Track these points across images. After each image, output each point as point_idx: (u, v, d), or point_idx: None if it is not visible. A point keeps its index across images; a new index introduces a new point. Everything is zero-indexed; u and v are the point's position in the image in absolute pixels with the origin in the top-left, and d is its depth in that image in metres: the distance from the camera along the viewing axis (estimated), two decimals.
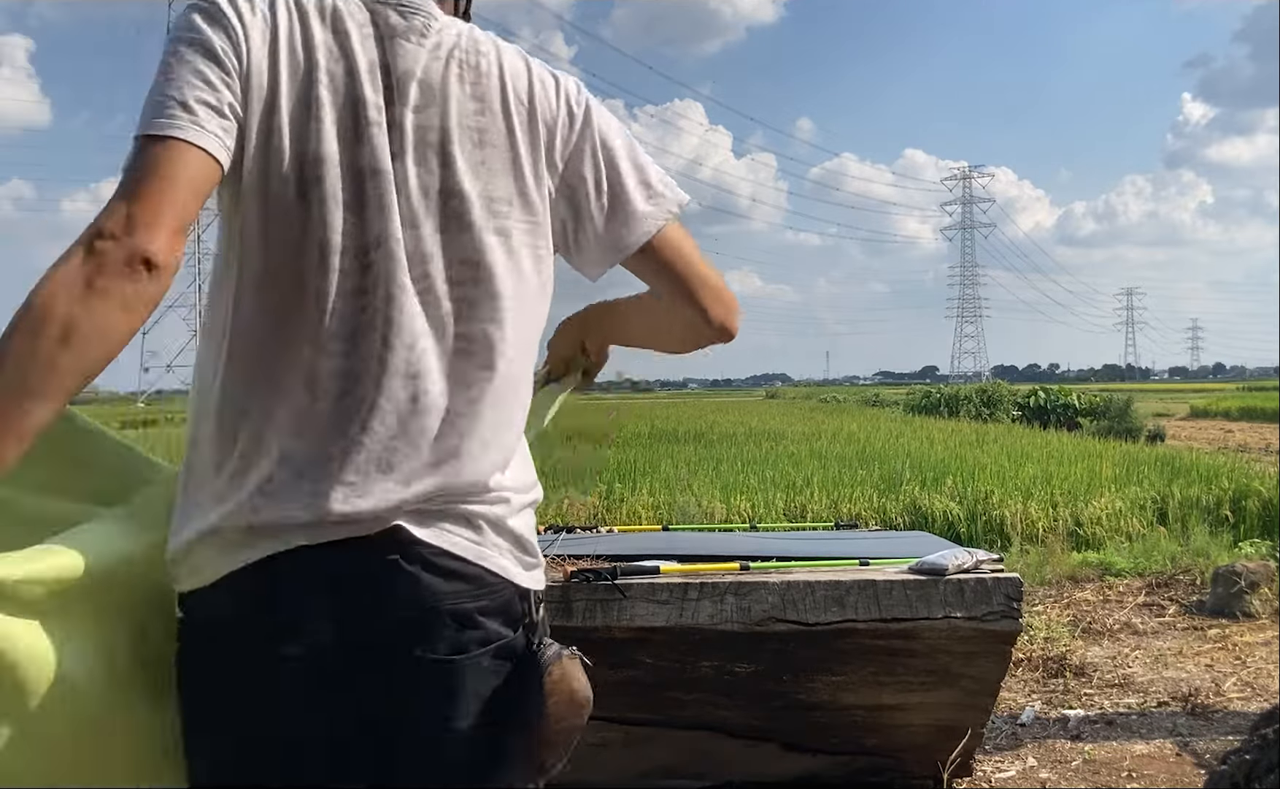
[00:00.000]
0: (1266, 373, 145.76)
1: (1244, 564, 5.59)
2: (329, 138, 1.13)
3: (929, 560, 2.83)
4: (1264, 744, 2.17)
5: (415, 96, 1.17)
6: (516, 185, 1.21)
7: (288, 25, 1.15)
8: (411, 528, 1.13)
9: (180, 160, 1.06)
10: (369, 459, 1.11)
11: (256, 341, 1.13)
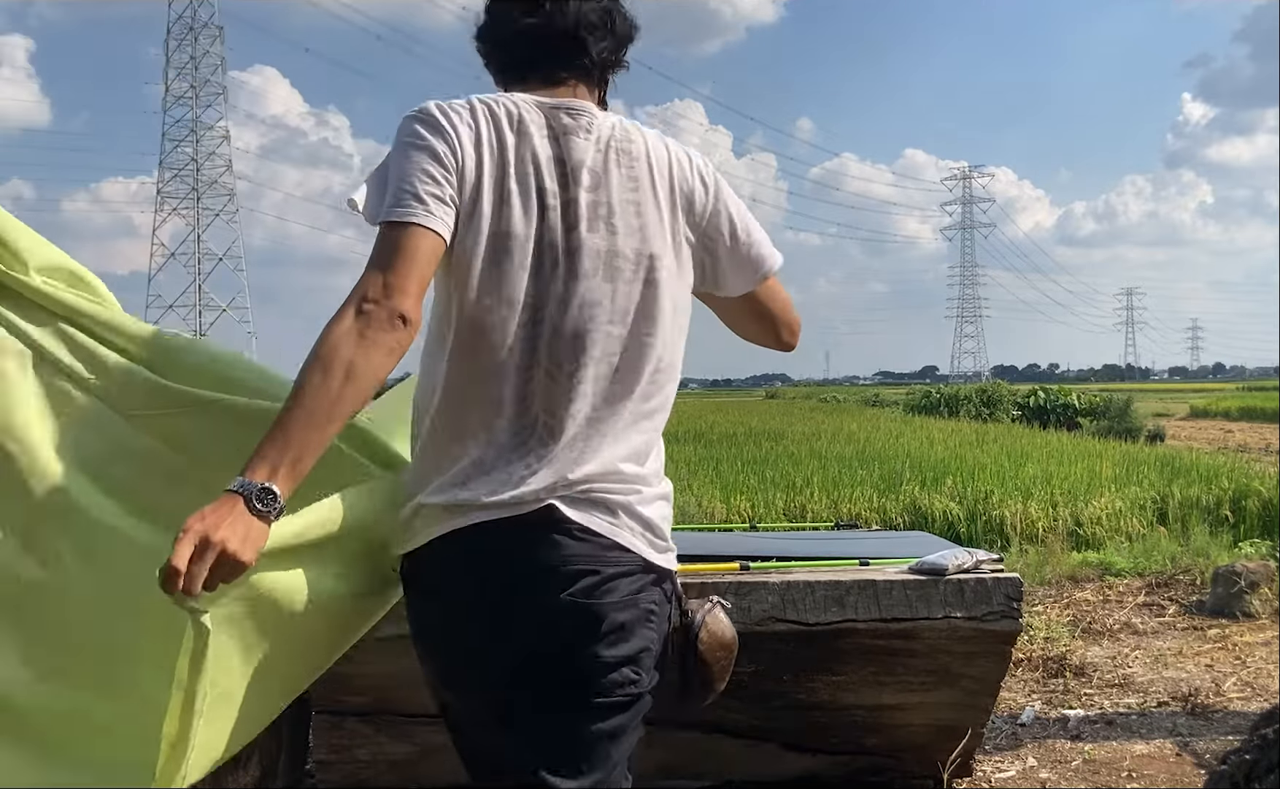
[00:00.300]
0: (1266, 373, 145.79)
1: (1244, 564, 5.59)
2: (517, 219, 1.49)
3: (929, 560, 2.83)
4: (1264, 744, 2.17)
5: (586, 180, 1.53)
6: (663, 245, 1.57)
7: (486, 131, 1.51)
8: (564, 509, 1.49)
9: (418, 240, 1.43)
10: (534, 459, 1.49)
11: (462, 371, 1.50)
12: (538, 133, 1.53)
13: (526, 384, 1.50)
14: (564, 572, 1.48)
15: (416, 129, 1.50)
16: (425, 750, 2.93)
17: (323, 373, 1.35)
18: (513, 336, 1.49)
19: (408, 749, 2.93)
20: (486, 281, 1.49)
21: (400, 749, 2.93)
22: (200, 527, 1.26)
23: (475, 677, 1.58)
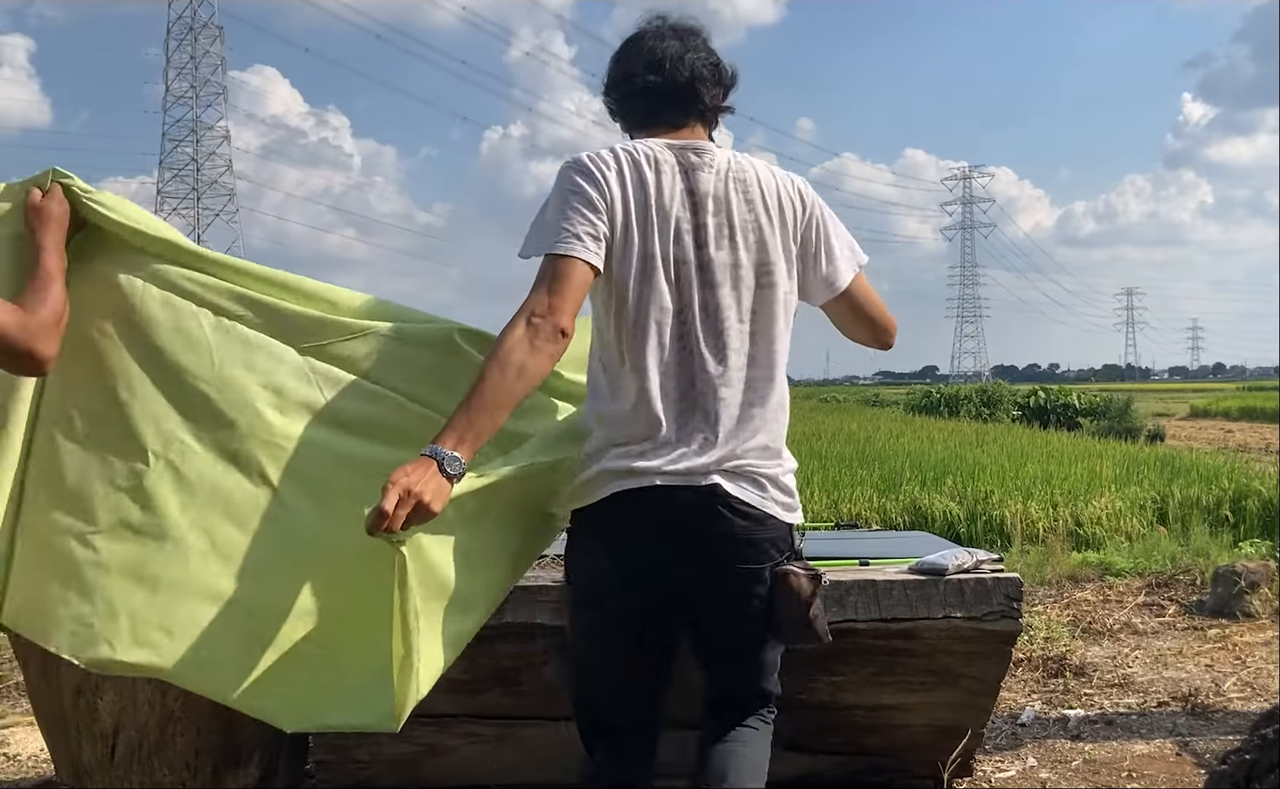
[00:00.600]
0: (1266, 373, 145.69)
1: (1244, 564, 5.59)
2: (656, 242, 1.86)
3: (929, 560, 2.83)
4: (1264, 744, 2.17)
5: (711, 208, 1.89)
6: (775, 257, 1.93)
7: (630, 174, 1.87)
8: (722, 482, 1.86)
9: (575, 269, 1.79)
10: (695, 438, 1.86)
11: (629, 367, 1.87)
12: (670, 171, 1.89)
13: (686, 375, 1.88)
14: (723, 532, 1.88)
15: (573, 177, 1.86)
16: (425, 750, 2.93)
17: (500, 371, 1.72)
18: (669, 337, 1.87)
19: (408, 749, 2.93)
20: (641, 295, 1.86)
21: (400, 749, 2.93)
22: (405, 482, 1.62)
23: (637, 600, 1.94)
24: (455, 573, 1.84)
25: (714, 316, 1.88)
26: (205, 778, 2.86)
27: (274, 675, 1.90)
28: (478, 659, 2.81)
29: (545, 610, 2.75)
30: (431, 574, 1.79)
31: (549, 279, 1.78)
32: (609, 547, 1.92)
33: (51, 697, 2.92)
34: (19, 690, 4.35)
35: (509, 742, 2.92)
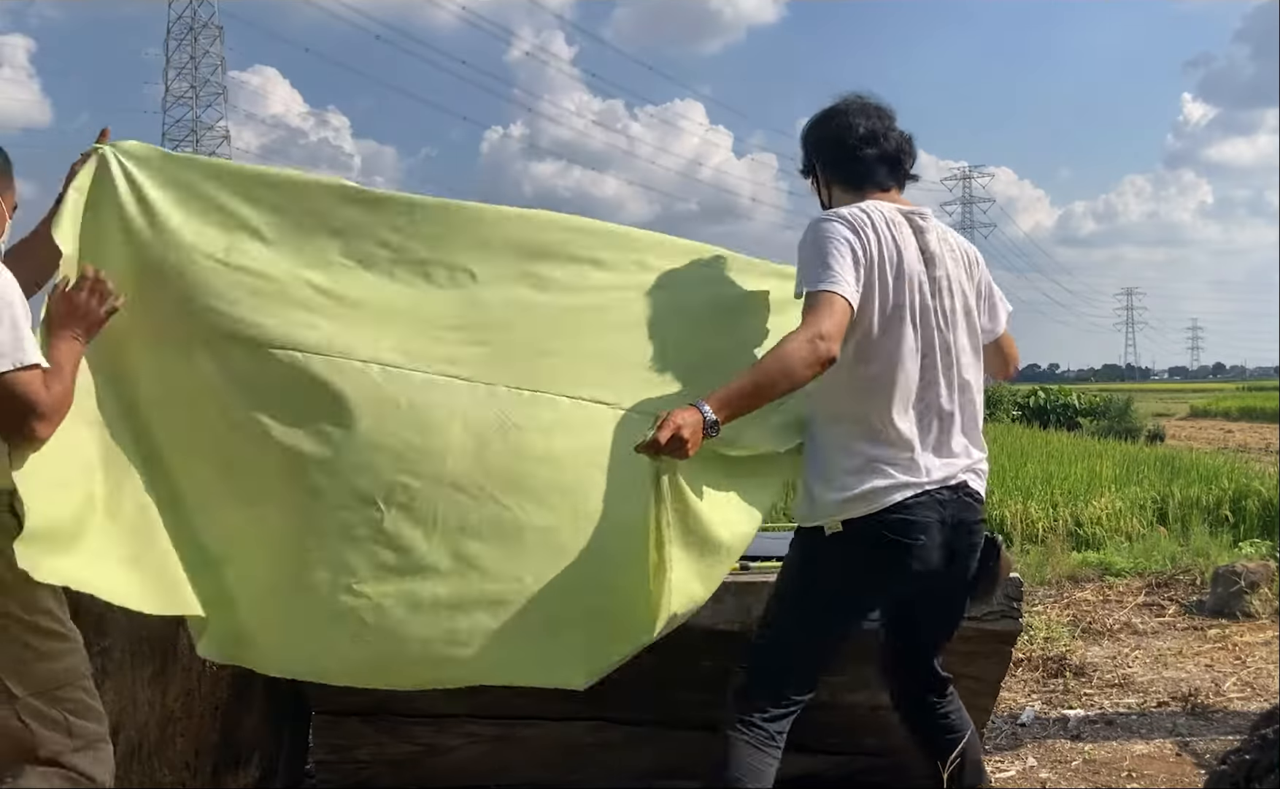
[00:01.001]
0: (1266, 373, 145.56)
1: (1244, 564, 5.59)
2: (901, 292, 2.22)
3: None
4: (1264, 744, 2.17)
5: (937, 264, 2.28)
6: (973, 305, 2.36)
7: (883, 231, 2.22)
8: (968, 480, 2.30)
9: (841, 306, 2.13)
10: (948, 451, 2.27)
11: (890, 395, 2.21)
12: (907, 231, 2.26)
13: (933, 400, 2.26)
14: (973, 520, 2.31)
15: (840, 230, 2.20)
16: (425, 750, 2.93)
17: (778, 370, 2.09)
18: (915, 371, 2.24)
19: (408, 749, 2.93)
20: (891, 336, 2.21)
21: (400, 749, 2.93)
22: (677, 421, 2.04)
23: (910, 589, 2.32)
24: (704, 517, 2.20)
25: (946, 354, 2.27)
26: (205, 778, 2.86)
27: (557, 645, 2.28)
28: None
29: None
30: (686, 509, 2.16)
31: (829, 312, 2.12)
32: (891, 547, 2.22)
33: None
34: None
35: (509, 742, 2.91)
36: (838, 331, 2.10)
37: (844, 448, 2.23)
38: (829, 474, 2.24)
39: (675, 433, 2.02)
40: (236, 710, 2.87)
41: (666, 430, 2.02)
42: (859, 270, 2.16)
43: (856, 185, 2.33)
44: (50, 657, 2.03)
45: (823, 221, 2.22)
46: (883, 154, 2.32)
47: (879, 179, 2.32)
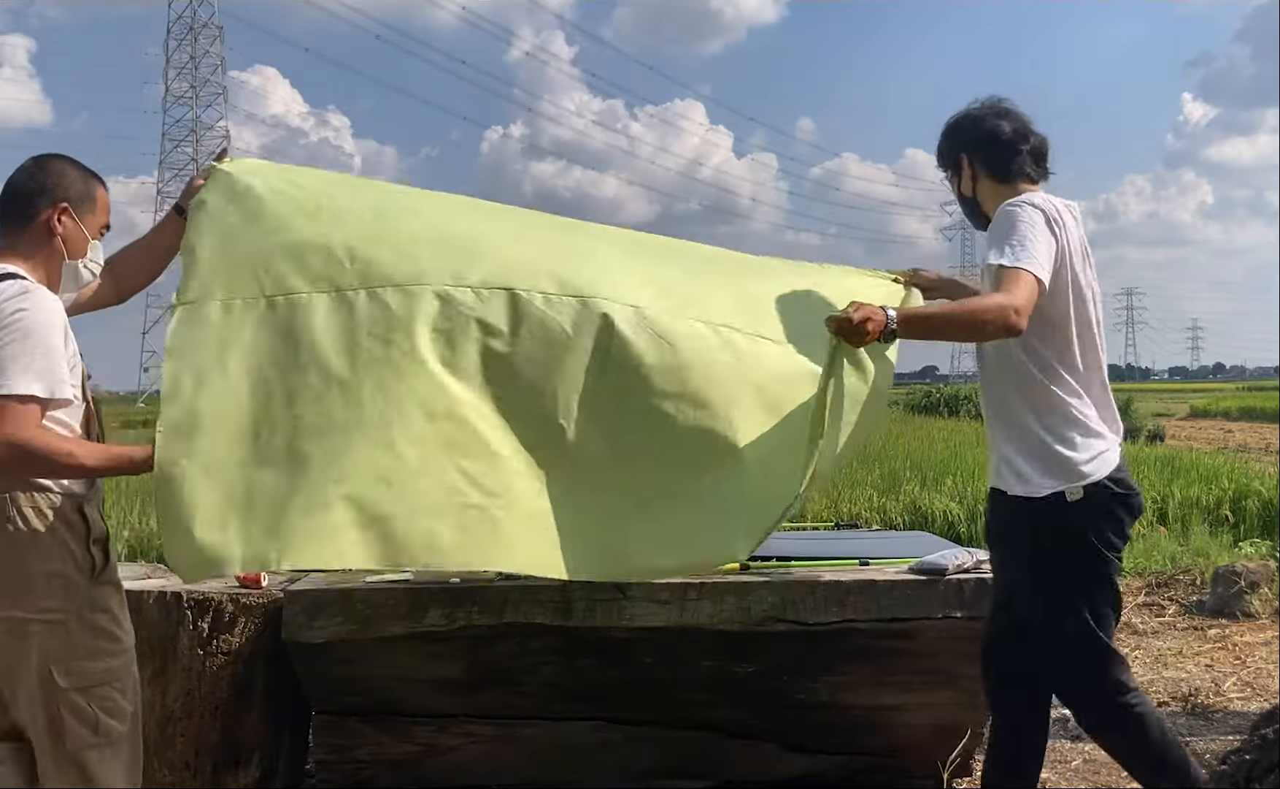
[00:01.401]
0: (1266, 373, 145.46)
1: (1244, 564, 5.59)
2: (1084, 277, 2.45)
3: (929, 560, 2.83)
4: (1264, 744, 2.17)
5: (1089, 252, 2.50)
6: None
7: (1067, 220, 2.43)
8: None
9: (1034, 285, 2.28)
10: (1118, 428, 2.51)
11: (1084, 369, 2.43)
12: (1072, 219, 2.45)
13: (1106, 376, 2.51)
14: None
15: (1038, 216, 2.37)
16: (425, 750, 2.93)
17: (967, 320, 2.35)
18: (1101, 348, 2.49)
19: (408, 749, 2.93)
20: (1081, 316, 2.43)
21: (400, 749, 2.93)
22: (868, 312, 2.26)
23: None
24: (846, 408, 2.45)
25: (1102, 331, 2.51)
26: (205, 778, 2.86)
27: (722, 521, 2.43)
28: (478, 659, 2.82)
29: (545, 610, 2.75)
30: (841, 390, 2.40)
31: (1026, 288, 2.28)
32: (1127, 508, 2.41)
33: None
34: None
35: (509, 742, 2.92)
36: (1029, 308, 2.27)
37: (1066, 419, 2.40)
38: (1057, 445, 2.38)
39: (865, 318, 2.24)
40: (236, 710, 2.87)
41: (860, 313, 2.25)
42: (1053, 255, 2.36)
43: (1009, 178, 2.53)
44: (98, 655, 2.12)
45: (1019, 206, 2.40)
46: (1032, 149, 2.55)
47: (1029, 172, 2.55)
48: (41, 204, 2.17)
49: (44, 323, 2.05)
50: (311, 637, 2.78)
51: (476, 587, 2.80)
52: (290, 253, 2.42)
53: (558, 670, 2.83)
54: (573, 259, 2.60)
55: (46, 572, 2.06)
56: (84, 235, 2.22)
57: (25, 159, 2.25)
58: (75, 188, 2.22)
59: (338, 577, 2.98)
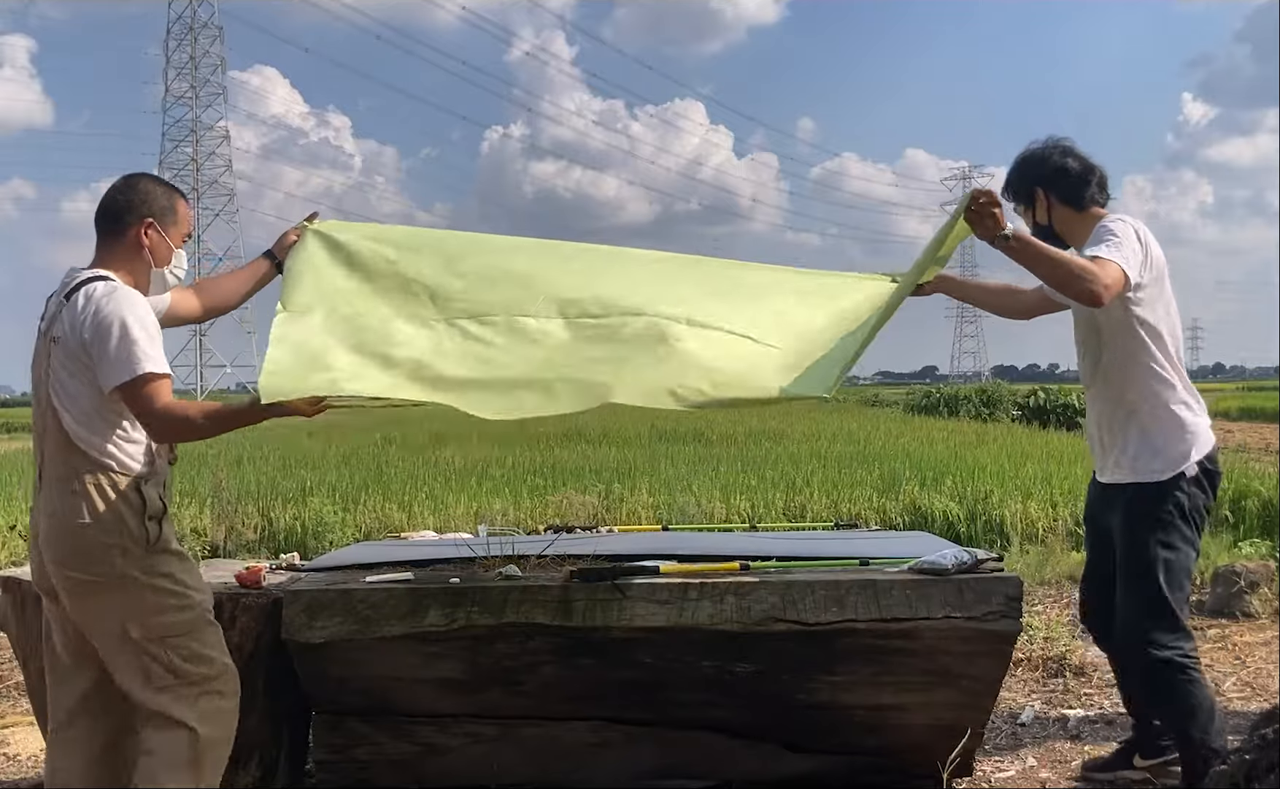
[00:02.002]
0: (1266, 373, 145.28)
1: (1244, 564, 5.58)
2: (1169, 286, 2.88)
3: (929, 560, 2.83)
4: (1264, 744, 2.17)
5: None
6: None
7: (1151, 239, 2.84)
8: None
9: (1123, 278, 2.66)
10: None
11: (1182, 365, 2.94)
12: (1154, 240, 2.84)
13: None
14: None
15: (1130, 230, 2.77)
16: (425, 750, 2.93)
17: (1064, 269, 2.62)
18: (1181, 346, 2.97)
19: (408, 749, 2.93)
20: (1176, 319, 2.92)
21: (400, 749, 2.93)
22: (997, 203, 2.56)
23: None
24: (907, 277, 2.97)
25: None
26: None
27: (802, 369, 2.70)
28: (478, 659, 2.82)
29: (545, 610, 2.76)
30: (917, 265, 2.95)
31: (1117, 276, 2.64)
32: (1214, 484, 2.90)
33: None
34: (19, 690, 4.35)
35: (509, 742, 2.92)
36: (1115, 291, 2.63)
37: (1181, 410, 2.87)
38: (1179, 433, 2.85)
39: (991, 201, 2.55)
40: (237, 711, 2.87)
41: (990, 198, 2.55)
42: (1141, 264, 2.75)
43: (1082, 205, 2.93)
44: (164, 611, 2.40)
45: (1117, 220, 2.80)
46: (1099, 180, 2.95)
47: (1098, 199, 2.95)
48: (130, 220, 2.45)
49: (143, 309, 2.36)
50: (311, 637, 2.78)
51: (476, 587, 2.80)
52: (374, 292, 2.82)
53: (558, 670, 2.82)
54: (615, 284, 2.92)
55: (105, 543, 2.34)
56: (168, 246, 2.50)
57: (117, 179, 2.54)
58: (159, 204, 2.49)
59: (338, 577, 2.98)
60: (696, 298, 2.88)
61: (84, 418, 2.35)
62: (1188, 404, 2.88)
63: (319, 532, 7.57)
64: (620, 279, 2.97)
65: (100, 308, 2.32)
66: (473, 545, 3.22)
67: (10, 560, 6.85)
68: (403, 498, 8.48)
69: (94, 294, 2.35)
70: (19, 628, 2.97)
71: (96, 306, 2.32)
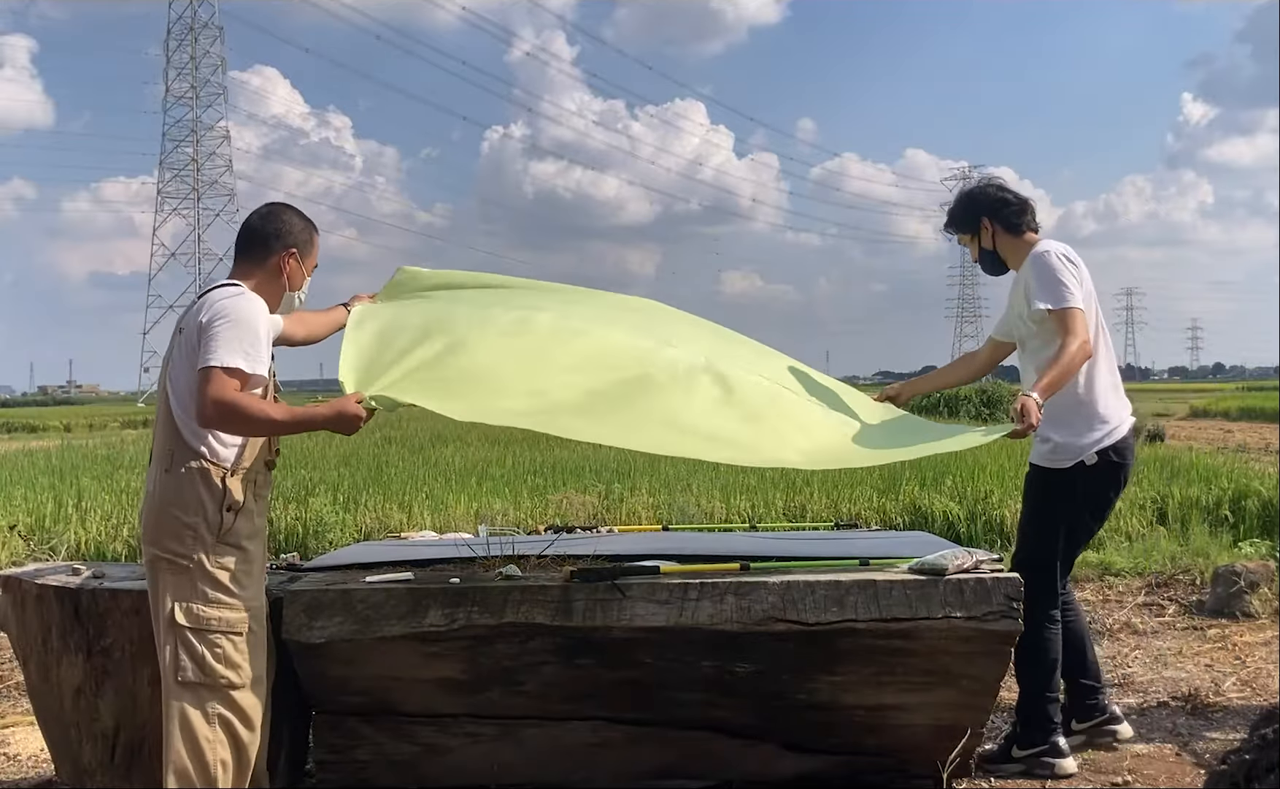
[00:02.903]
0: (1266, 373, 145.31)
1: (1244, 564, 5.58)
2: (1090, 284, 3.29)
3: (929, 560, 2.83)
4: (1264, 744, 2.16)
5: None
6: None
7: (1077, 258, 3.27)
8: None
9: (1082, 314, 3.16)
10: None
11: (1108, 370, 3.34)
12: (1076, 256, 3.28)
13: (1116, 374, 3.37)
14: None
15: (1065, 260, 3.21)
16: (425, 750, 2.93)
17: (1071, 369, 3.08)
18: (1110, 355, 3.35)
19: (408, 749, 2.93)
20: (1100, 325, 3.31)
21: (400, 749, 2.93)
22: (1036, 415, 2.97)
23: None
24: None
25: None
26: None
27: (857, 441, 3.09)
28: (478, 659, 2.82)
29: (545, 610, 2.75)
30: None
31: (1082, 323, 3.13)
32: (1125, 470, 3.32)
33: (51, 697, 2.92)
34: (19, 690, 4.35)
35: (509, 742, 2.92)
36: (1089, 334, 3.12)
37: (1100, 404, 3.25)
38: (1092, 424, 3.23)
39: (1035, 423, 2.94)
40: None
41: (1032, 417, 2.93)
42: (1082, 285, 3.18)
43: (1020, 231, 3.36)
44: (214, 603, 2.50)
45: (1050, 254, 3.21)
46: (1031, 209, 3.39)
47: (1032, 226, 3.39)
48: (275, 248, 2.67)
49: (251, 315, 2.52)
50: (311, 637, 2.78)
51: (476, 587, 2.80)
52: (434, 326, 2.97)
53: (558, 670, 2.82)
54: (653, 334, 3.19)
55: (182, 521, 2.48)
56: (302, 274, 2.73)
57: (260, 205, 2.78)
58: (300, 236, 2.72)
59: (338, 577, 2.98)
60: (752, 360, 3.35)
61: (185, 401, 2.51)
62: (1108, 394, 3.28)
63: (319, 532, 7.57)
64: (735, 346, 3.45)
65: (219, 305, 2.52)
66: (473, 545, 3.23)
67: (10, 560, 6.86)
68: (403, 498, 8.48)
69: (220, 295, 2.56)
70: (19, 628, 2.97)
71: (217, 304, 2.53)
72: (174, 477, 2.50)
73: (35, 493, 9.14)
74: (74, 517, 7.96)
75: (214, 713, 2.49)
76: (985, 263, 3.43)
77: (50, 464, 12.69)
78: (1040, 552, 3.26)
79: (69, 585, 2.88)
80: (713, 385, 2.97)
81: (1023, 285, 3.29)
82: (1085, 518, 3.32)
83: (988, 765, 3.28)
